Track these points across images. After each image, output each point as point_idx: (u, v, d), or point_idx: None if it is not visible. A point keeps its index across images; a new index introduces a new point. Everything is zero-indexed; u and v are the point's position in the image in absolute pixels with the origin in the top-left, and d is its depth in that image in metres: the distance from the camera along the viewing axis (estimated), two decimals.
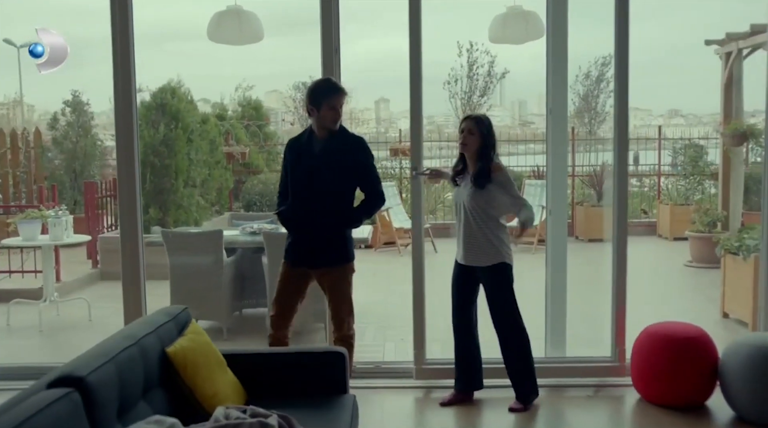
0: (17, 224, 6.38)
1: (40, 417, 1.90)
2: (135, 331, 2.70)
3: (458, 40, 14.09)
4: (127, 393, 2.43)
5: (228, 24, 5.48)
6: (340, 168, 3.82)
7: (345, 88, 3.88)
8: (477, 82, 14.75)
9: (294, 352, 3.41)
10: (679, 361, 3.99)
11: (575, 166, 12.51)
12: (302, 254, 3.90)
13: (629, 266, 4.93)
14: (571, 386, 4.45)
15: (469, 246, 4.07)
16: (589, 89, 14.63)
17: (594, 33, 18.61)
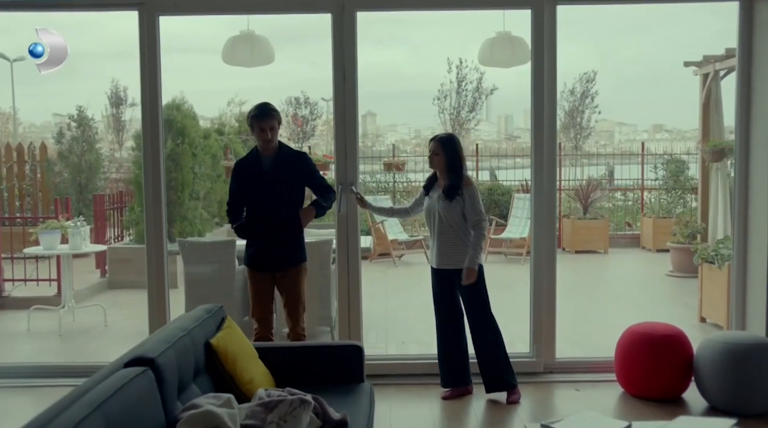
0: (39, 233, 6.76)
1: (128, 387, 2.31)
2: (185, 324, 3.10)
3: (448, 56, 14.46)
4: (183, 376, 2.83)
5: (241, 48, 5.90)
6: (288, 180, 4.42)
7: (275, 113, 4.45)
8: (466, 98, 15.15)
9: (316, 346, 3.84)
10: (657, 357, 4.42)
11: (561, 180, 12.99)
12: (265, 260, 4.46)
13: (614, 275, 5.34)
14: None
15: (445, 251, 4.45)
16: (574, 105, 15.09)
17: (578, 50, 19.14)
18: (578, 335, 6.02)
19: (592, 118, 14.80)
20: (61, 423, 1.97)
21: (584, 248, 11.23)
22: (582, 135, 15.02)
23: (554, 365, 5.01)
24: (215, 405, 2.58)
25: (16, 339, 6.50)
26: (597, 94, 14.57)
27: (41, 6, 5.26)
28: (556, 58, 4.83)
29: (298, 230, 4.48)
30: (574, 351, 5.35)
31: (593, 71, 14.42)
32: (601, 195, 12.24)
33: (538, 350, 5.02)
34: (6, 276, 8.07)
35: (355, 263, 5.07)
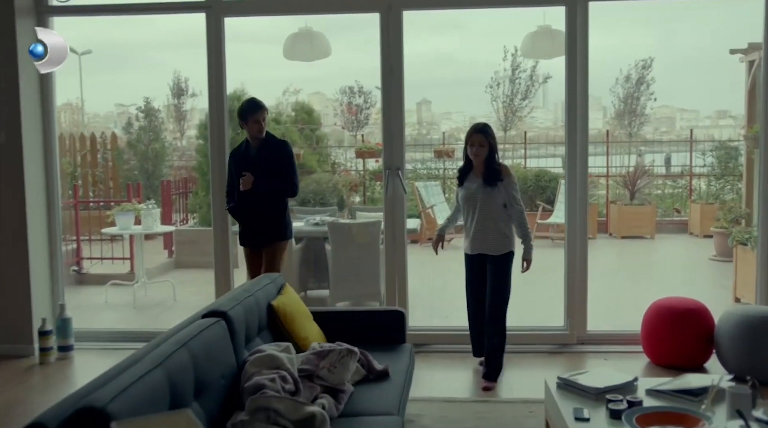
0: (115, 215, 7.42)
1: (206, 333, 2.82)
2: (250, 288, 3.62)
3: (505, 44, 14.60)
4: (249, 329, 3.33)
5: (301, 44, 6.40)
6: (269, 165, 4.96)
7: (264, 106, 5.00)
8: (519, 86, 15.33)
9: (363, 310, 4.34)
10: (680, 329, 4.76)
11: (610, 167, 13.19)
12: (251, 238, 5.08)
13: (657, 259, 5.58)
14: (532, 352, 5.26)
15: (483, 238, 4.57)
16: (630, 92, 15.14)
17: (634, 35, 18.99)
18: (615, 312, 6.37)
19: (647, 104, 14.83)
20: (156, 354, 2.48)
21: (631, 234, 11.45)
22: (637, 122, 15.07)
23: (585, 337, 5.39)
24: (277, 350, 3.07)
25: (95, 310, 7.17)
26: (653, 81, 14.56)
27: (116, 11, 5.86)
28: (588, 51, 5.17)
29: (280, 211, 5.04)
30: (612, 327, 5.69)
31: (650, 58, 14.42)
32: (648, 182, 12.40)
33: (571, 324, 5.39)
34: (84, 255, 8.80)
35: (401, 243, 5.52)
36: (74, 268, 8.55)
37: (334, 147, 14.83)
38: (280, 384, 2.78)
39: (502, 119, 17.32)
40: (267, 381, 2.76)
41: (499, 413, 4.09)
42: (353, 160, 13.73)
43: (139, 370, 2.30)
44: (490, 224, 4.56)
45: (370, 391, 3.25)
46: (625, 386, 3.24)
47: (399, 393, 3.28)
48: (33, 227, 5.51)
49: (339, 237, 6.45)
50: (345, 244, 6.39)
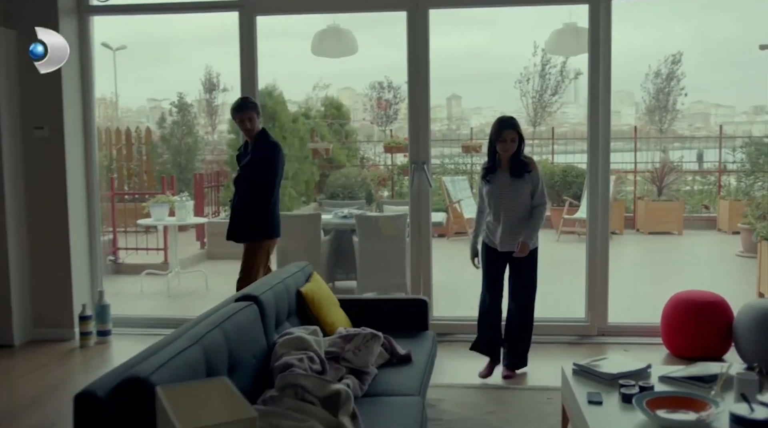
0: (150, 207, 7.68)
1: (238, 315, 3.01)
2: (280, 275, 3.80)
3: (534, 40, 14.61)
4: (279, 314, 3.52)
5: (328, 41, 6.59)
6: (253, 167, 4.98)
7: (251, 105, 4.99)
8: (549, 82, 15.32)
9: (388, 298, 4.50)
10: (699, 321, 4.86)
11: (640, 163, 13.19)
12: (231, 233, 5.13)
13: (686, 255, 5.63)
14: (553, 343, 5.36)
15: (514, 235, 4.46)
16: (659, 87, 15.06)
17: (665, 30, 18.77)
18: (638, 306, 6.46)
19: (678, 100, 14.75)
20: (193, 333, 2.67)
21: (658, 230, 11.47)
22: (667, 118, 14.98)
23: (606, 328, 5.50)
24: (305, 333, 3.25)
25: (131, 298, 7.43)
26: (684, 76, 14.47)
27: (153, 10, 6.08)
28: (611, 49, 5.27)
29: (258, 209, 4.98)
30: (634, 319, 5.79)
31: (679, 53, 14.34)
32: (677, 178, 12.38)
33: (592, 315, 5.51)
34: (120, 246, 9.09)
35: (426, 236, 5.67)
36: (111, 258, 8.84)
37: (363, 142, 14.99)
38: (307, 364, 2.96)
39: (531, 114, 17.37)
40: (295, 360, 2.94)
41: (518, 399, 4.24)
42: (382, 154, 13.88)
43: (178, 346, 2.50)
44: (515, 221, 4.48)
45: (392, 374, 3.42)
46: (638, 372, 3.37)
47: (420, 376, 3.44)
48: (74, 218, 5.76)
49: (366, 230, 6.62)
50: (372, 236, 6.56)
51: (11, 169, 5.53)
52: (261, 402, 2.77)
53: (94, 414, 2.15)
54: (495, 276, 4.66)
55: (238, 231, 5.09)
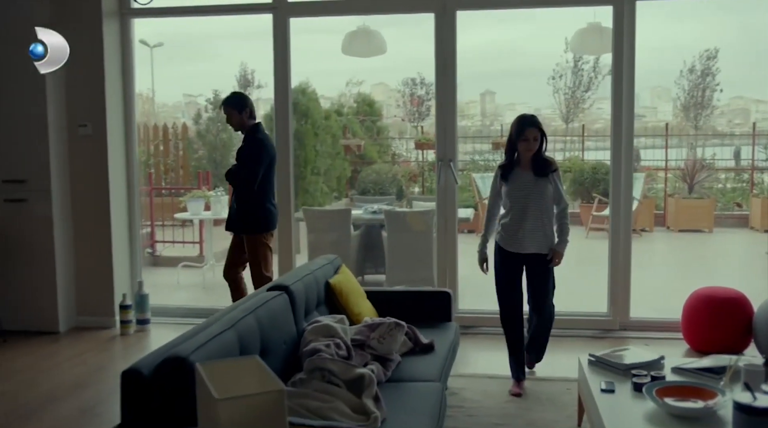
0: (187, 201, 7.96)
1: (270, 303, 3.22)
2: (310, 267, 4.01)
3: (566, 36, 14.65)
4: (308, 303, 3.72)
5: (358, 41, 6.78)
6: (238, 160, 5.15)
7: (229, 102, 5.16)
8: (581, 78, 15.31)
9: (412, 291, 4.66)
10: (718, 316, 4.95)
11: (675, 160, 13.17)
12: (228, 224, 5.34)
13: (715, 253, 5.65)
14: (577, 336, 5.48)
15: (532, 236, 4.29)
16: (695, 83, 14.95)
17: (703, 24, 18.55)
18: (663, 302, 6.54)
19: (713, 97, 14.65)
20: (228, 318, 2.88)
21: (688, 227, 11.46)
22: (703, 114, 14.88)
23: (628, 323, 5.62)
24: (332, 321, 3.45)
25: (168, 289, 7.71)
26: (719, 72, 14.38)
27: (191, 12, 6.32)
28: (635, 50, 5.38)
29: (249, 202, 5.14)
30: (658, 315, 5.88)
31: (715, 48, 14.25)
32: (708, 175, 12.34)
33: (614, 310, 5.63)
34: (157, 239, 9.40)
35: (452, 231, 5.84)
36: (148, 250, 9.15)
37: (395, 138, 15.16)
38: (334, 350, 3.15)
39: (563, 110, 17.37)
40: (323, 346, 3.14)
41: (538, 389, 4.39)
42: (413, 151, 14.04)
43: (214, 330, 2.71)
44: (546, 223, 4.31)
45: (415, 361, 3.60)
46: (652, 363, 3.50)
47: (442, 363, 3.61)
48: (115, 212, 6.03)
49: (395, 225, 6.81)
50: (400, 231, 6.74)
51: (57, 165, 5.81)
52: (290, 384, 2.97)
53: (139, 390, 2.37)
54: (514, 281, 4.43)
55: (236, 223, 5.30)
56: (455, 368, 4.54)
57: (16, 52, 5.49)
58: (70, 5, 5.79)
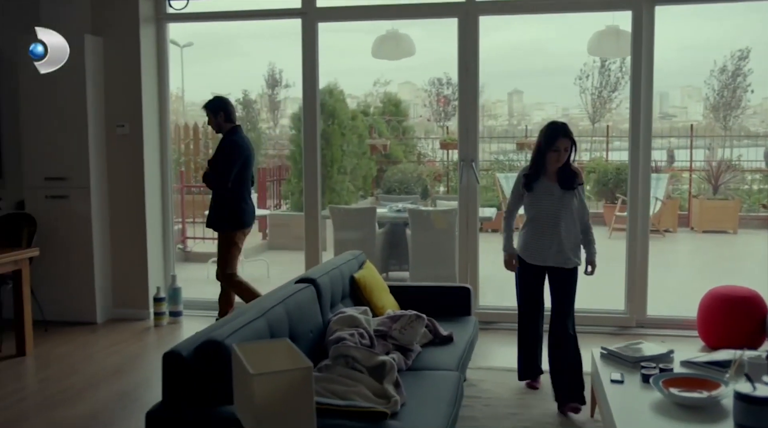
0: None
1: (298, 295, 3.44)
2: (336, 262, 4.23)
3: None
4: (334, 296, 3.93)
5: (387, 45, 6.99)
6: (213, 162, 5.39)
7: (205, 107, 5.45)
8: (608, 78, 15.34)
9: (434, 286, 4.86)
10: (733, 314, 5.08)
11: (692, 161, 13.17)
12: (208, 220, 5.52)
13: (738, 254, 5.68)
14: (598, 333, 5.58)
15: (558, 249, 4.10)
16: (725, 83, 14.90)
17: (730, 25, 18.43)
18: (682, 301, 6.65)
19: (743, 98, 14.60)
20: (260, 306, 3.10)
21: (713, 228, 11.49)
22: (732, 115, 14.82)
23: (645, 321, 5.76)
24: (356, 312, 3.65)
25: (199, 283, 7.96)
26: (751, 72, 14.33)
27: (223, 17, 6.57)
28: (653, 53, 5.51)
29: (218, 203, 5.40)
30: (676, 313, 6.01)
31: (746, 48, 14.20)
32: (734, 176, 12.35)
33: (631, 308, 5.77)
34: (188, 235, 9.69)
35: (473, 229, 6.02)
36: (179, 246, 9.44)
37: (420, 139, 15.33)
38: (358, 339, 3.36)
39: (590, 111, 17.40)
40: (347, 335, 3.34)
41: None
42: (439, 151, 14.21)
43: (247, 318, 2.93)
44: (571, 236, 4.12)
45: (434, 352, 3.79)
46: (661, 356, 3.65)
47: (460, 354, 3.80)
48: (150, 209, 6.30)
49: (418, 223, 7.00)
50: (424, 229, 6.94)
51: (96, 163, 6.09)
52: (316, 369, 3.18)
53: (179, 370, 2.60)
54: (536, 295, 4.30)
55: (212, 220, 5.52)
56: (475, 361, 4.75)
57: None
58: (109, 12, 6.06)
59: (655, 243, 10.57)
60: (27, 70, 5.95)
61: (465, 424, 3.85)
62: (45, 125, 6.03)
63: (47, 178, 6.06)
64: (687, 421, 2.96)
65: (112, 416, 4.16)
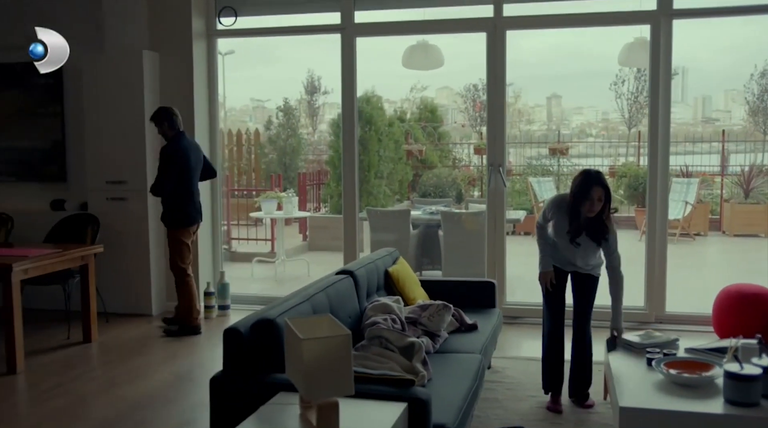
0: (261, 202, 8.74)
1: (338, 284, 3.89)
2: (372, 257, 4.67)
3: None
4: (370, 287, 4.37)
5: (417, 55, 7.42)
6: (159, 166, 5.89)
7: (153, 118, 5.96)
8: (644, 83, 15.51)
9: (461, 280, 5.27)
10: (747, 311, 5.38)
11: (725, 166, 13.33)
12: (162, 218, 6.05)
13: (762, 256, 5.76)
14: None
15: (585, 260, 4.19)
16: (765, 88, 14.96)
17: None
18: (705, 299, 6.94)
19: None
20: (304, 293, 3.56)
21: (744, 232, 11.66)
22: None
23: (663, 317, 6.09)
24: (389, 301, 4.08)
25: (244, 281, 8.50)
26: None
27: (268, 33, 7.07)
28: (671, 64, 5.87)
29: (169, 203, 5.93)
30: (694, 310, 6.31)
31: None
32: (765, 181, 12.48)
33: (650, 305, 6.10)
34: (233, 236, 10.24)
35: (501, 231, 6.40)
36: (225, 246, 9.97)
37: (456, 144, 15.70)
38: (390, 323, 3.78)
39: (626, 116, 17.58)
40: (381, 320, 3.77)
41: None
42: (473, 156, 14.57)
43: (293, 302, 3.38)
44: (589, 253, 4.17)
45: (460, 338, 4.20)
46: (667, 343, 4.01)
47: (483, 340, 4.20)
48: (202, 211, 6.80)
49: (450, 225, 7.41)
50: (455, 230, 7.34)
51: (152, 168, 6.61)
52: (354, 349, 3.61)
53: (237, 343, 3.06)
54: (560, 300, 4.33)
55: (163, 219, 6.02)
56: (501, 350, 5.16)
57: (121, 71, 6.38)
58: (165, 30, 6.61)
59: (685, 246, 10.88)
60: (91, 84, 6.55)
61: (487, 404, 4.26)
62: (106, 133, 6.59)
63: (108, 181, 6.61)
64: (684, 397, 3.32)
65: (170, 393, 4.65)
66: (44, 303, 6.35)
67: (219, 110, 7.06)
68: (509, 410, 4.22)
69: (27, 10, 6.79)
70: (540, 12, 6.26)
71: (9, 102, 7.05)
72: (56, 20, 6.70)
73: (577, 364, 4.37)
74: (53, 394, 4.62)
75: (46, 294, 6.18)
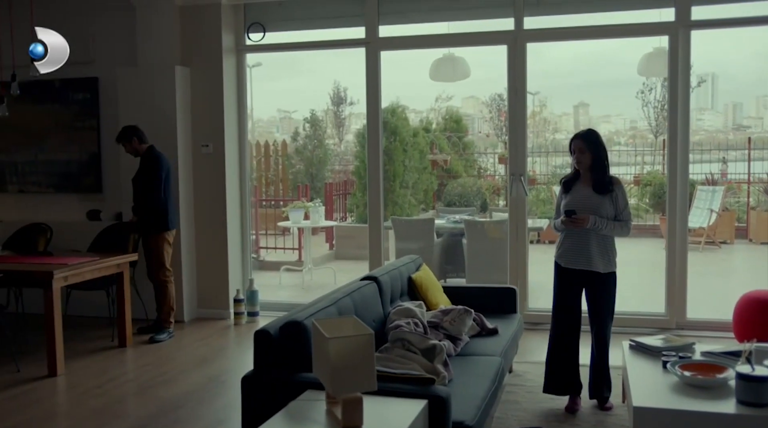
0: (289, 211, 8.96)
1: (363, 289, 4.06)
2: (396, 264, 4.83)
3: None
4: (393, 292, 4.53)
5: (444, 67, 7.59)
6: (141, 177, 6.22)
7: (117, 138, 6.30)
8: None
9: (483, 286, 5.41)
10: (765, 315, 5.45)
11: (750, 173, 13.29)
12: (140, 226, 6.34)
13: None
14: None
15: (590, 252, 4.21)
16: None
17: None
18: (725, 305, 7.00)
19: None
20: (331, 297, 3.73)
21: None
22: None
23: (684, 323, 6.17)
24: (413, 305, 4.24)
25: (272, 289, 8.71)
26: None
27: (296, 48, 7.28)
28: (689, 73, 5.98)
29: (149, 209, 6.18)
30: (715, 316, 6.38)
31: None
32: None
33: (671, 311, 6.19)
34: (261, 245, 10.47)
35: (522, 238, 6.53)
36: (253, 255, 10.20)
37: (481, 154, 15.82)
38: (413, 327, 3.94)
39: (653, 124, 17.57)
40: (404, 323, 3.93)
41: None
42: (498, 165, 14.68)
43: (320, 305, 3.56)
44: (599, 238, 4.22)
45: (481, 342, 4.34)
46: (683, 347, 4.11)
47: (504, 344, 4.33)
48: (230, 220, 7.03)
49: (473, 233, 7.55)
50: (478, 238, 7.48)
51: (184, 179, 6.87)
52: (378, 351, 3.77)
53: (267, 344, 3.24)
54: (571, 302, 4.37)
55: (146, 225, 6.26)
56: (522, 355, 5.29)
57: (154, 85, 6.64)
58: (196, 45, 6.86)
59: (710, 254, 10.87)
60: (126, 98, 6.81)
61: (508, 406, 4.39)
62: None
63: None
64: (697, 398, 3.43)
65: (204, 394, 4.84)
66: (89, 310, 6.81)
67: (247, 123, 7.29)
68: (529, 412, 4.35)
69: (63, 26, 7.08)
70: (559, 24, 6.40)
71: (48, 116, 7.35)
72: (95, 37, 7.04)
73: (595, 368, 4.45)
74: (92, 395, 4.84)
75: (91, 301, 6.56)
